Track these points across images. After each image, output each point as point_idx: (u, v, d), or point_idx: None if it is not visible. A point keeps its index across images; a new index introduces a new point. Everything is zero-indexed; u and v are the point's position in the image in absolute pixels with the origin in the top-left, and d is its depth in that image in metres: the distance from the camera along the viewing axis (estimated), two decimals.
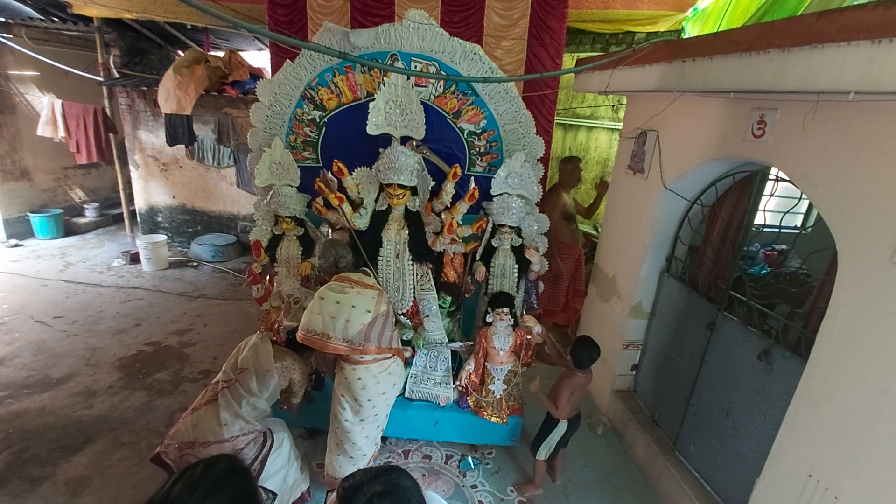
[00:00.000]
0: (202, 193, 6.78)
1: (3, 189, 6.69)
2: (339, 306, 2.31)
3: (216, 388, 2.26)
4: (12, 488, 2.77)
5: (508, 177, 2.91)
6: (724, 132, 2.53)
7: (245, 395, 2.23)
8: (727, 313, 2.60)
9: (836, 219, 1.87)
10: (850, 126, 1.83)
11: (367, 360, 2.41)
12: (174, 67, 5.63)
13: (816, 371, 1.96)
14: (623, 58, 2.97)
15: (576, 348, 2.75)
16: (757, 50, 1.95)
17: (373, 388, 2.44)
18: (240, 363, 2.33)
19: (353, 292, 2.36)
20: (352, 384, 2.42)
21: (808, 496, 1.95)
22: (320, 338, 2.30)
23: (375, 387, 2.45)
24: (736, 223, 2.68)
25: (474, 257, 3.12)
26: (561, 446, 2.85)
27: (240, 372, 2.29)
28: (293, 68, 3.01)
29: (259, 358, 2.34)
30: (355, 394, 2.43)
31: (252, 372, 2.28)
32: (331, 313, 2.29)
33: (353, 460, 2.56)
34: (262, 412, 2.32)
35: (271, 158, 2.95)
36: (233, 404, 2.19)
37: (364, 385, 2.42)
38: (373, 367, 2.43)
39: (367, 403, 2.45)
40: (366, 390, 2.42)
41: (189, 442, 2.11)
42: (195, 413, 2.20)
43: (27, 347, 4.19)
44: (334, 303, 2.31)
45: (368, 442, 2.57)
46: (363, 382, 2.42)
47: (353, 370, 2.41)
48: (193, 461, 2.09)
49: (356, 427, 2.48)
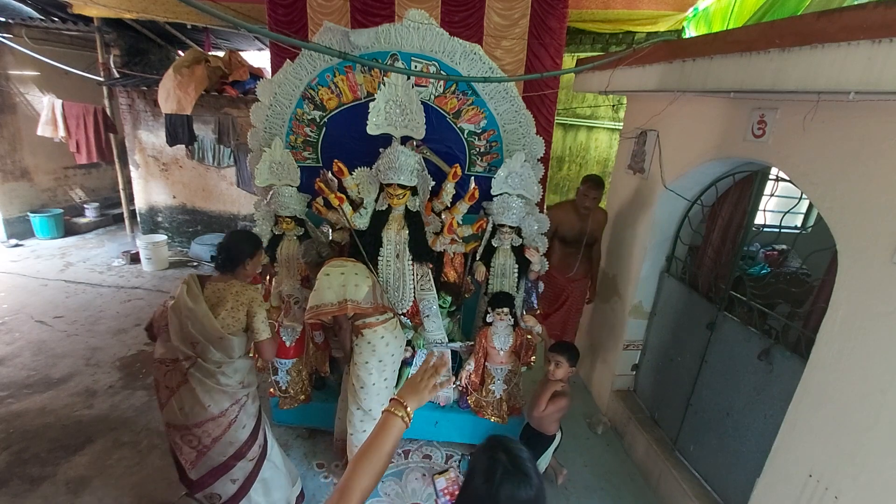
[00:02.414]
0: (202, 193, 6.78)
1: (4, 189, 6.69)
2: (344, 276, 2.49)
3: (182, 368, 2.07)
4: (12, 488, 2.77)
5: (508, 177, 2.91)
6: (724, 132, 2.53)
7: (213, 368, 2.07)
8: (727, 313, 2.60)
9: (836, 219, 1.87)
10: (850, 126, 1.83)
11: (382, 319, 2.64)
12: (174, 67, 5.63)
13: (816, 371, 1.95)
14: (623, 58, 2.97)
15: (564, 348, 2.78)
16: (757, 50, 1.95)
17: (394, 343, 2.70)
18: (190, 336, 2.05)
19: (350, 265, 2.57)
20: (376, 346, 2.62)
21: (808, 496, 1.95)
22: (338, 306, 2.44)
23: (395, 341, 2.71)
24: (736, 223, 2.68)
25: (474, 257, 3.11)
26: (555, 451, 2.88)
27: (193, 346, 2.06)
28: (293, 68, 3.01)
29: (203, 324, 2.05)
30: (381, 354, 2.64)
31: (206, 344, 2.05)
32: (340, 283, 2.46)
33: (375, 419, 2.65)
34: (244, 369, 2.20)
35: (271, 158, 2.94)
36: (206, 382, 2.07)
37: (388, 342, 2.66)
38: (389, 325, 2.67)
39: (390, 359, 2.70)
40: (389, 346, 2.67)
41: (183, 425, 2.10)
42: (175, 396, 2.08)
43: (27, 347, 4.19)
44: (339, 274, 2.49)
45: (388, 393, 2.75)
46: (386, 339, 2.65)
47: (375, 332, 2.62)
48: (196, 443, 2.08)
49: (382, 386, 2.70)
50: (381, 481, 2.88)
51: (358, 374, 2.65)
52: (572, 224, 3.52)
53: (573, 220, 3.51)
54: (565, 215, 3.53)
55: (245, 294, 2.17)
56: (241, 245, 2.25)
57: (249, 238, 2.33)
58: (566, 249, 3.61)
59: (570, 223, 3.52)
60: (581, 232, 3.50)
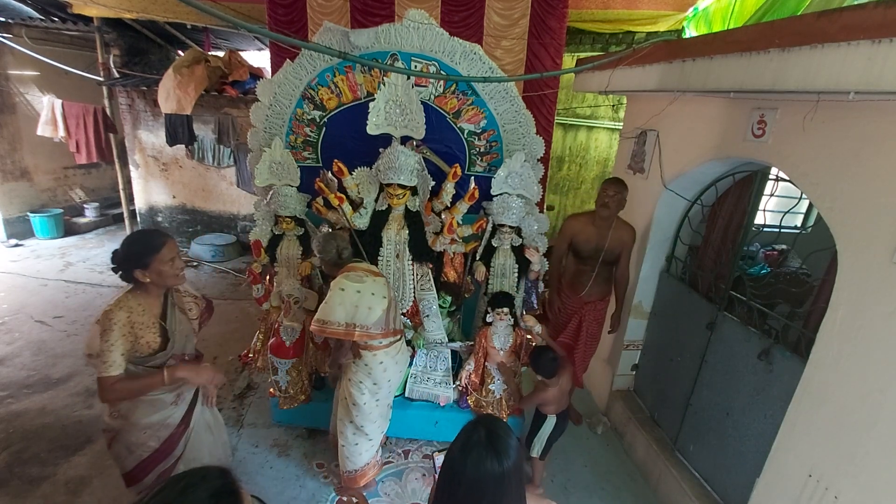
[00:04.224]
0: (202, 193, 6.78)
1: (3, 189, 6.69)
2: (360, 295, 2.33)
3: None
4: (12, 488, 2.77)
5: (508, 177, 2.91)
6: (724, 132, 2.53)
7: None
8: (727, 313, 2.60)
9: (836, 219, 1.87)
10: (850, 126, 1.83)
11: (385, 343, 2.49)
12: (174, 67, 5.63)
13: (816, 371, 1.96)
14: (623, 58, 2.97)
15: (534, 359, 2.71)
16: (757, 50, 1.94)
17: (392, 369, 2.56)
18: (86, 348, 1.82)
19: (370, 280, 2.40)
20: (373, 369, 2.49)
21: (808, 496, 1.95)
22: (345, 328, 2.32)
23: (395, 367, 2.58)
24: (736, 223, 2.68)
25: (474, 257, 3.12)
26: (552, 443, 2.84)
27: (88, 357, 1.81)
28: (293, 68, 3.01)
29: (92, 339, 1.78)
30: (376, 378, 2.51)
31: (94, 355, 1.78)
32: (354, 302, 2.32)
33: (371, 441, 2.67)
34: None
35: (271, 158, 2.94)
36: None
37: (385, 367, 2.51)
38: (391, 350, 2.53)
39: (386, 384, 2.57)
40: (387, 371, 2.53)
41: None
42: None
43: (27, 347, 4.19)
44: (355, 292, 2.33)
45: (384, 418, 2.71)
46: (385, 365, 2.51)
47: (374, 356, 2.47)
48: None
49: (373, 406, 2.58)
50: (381, 481, 2.89)
51: (350, 391, 2.53)
52: (588, 236, 3.07)
53: (589, 232, 3.07)
54: (581, 226, 3.11)
55: (102, 316, 1.78)
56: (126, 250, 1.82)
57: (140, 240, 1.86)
58: (580, 265, 3.18)
59: (585, 235, 3.08)
60: (598, 247, 3.04)
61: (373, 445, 2.70)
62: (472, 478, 1.13)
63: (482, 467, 1.12)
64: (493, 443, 1.15)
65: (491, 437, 1.16)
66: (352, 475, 2.69)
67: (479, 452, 1.13)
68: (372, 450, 2.71)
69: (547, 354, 2.68)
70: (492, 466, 1.12)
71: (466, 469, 1.13)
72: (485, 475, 1.12)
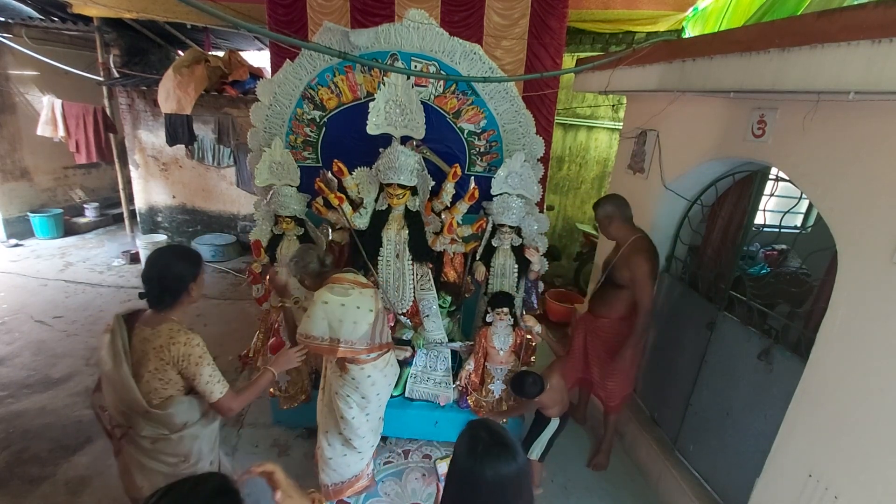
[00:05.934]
0: (202, 193, 6.78)
1: (3, 189, 6.69)
2: (344, 309, 2.23)
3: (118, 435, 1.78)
4: (12, 488, 2.77)
5: (508, 177, 2.91)
6: (724, 132, 2.53)
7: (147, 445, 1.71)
8: (727, 313, 2.60)
9: (836, 219, 1.87)
10: (850, 126, 1.83)
11: (373, 357, 2.41)
12: (174, 67, 5.63)
13: (816, 371, 1.95)
14: (623, 58, 2.97)
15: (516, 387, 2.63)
16: (757, 50, 1.94)
17: (381, 382, 2.49)
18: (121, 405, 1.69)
19: (356, 293, 2.29)
20: (360, 383, 2.40)
21: (808, 496, 1.95)
22: (328, 343, 2.22)
23: (383, 380, 2.50)
24: (736, 223, 2.68)
25: (474, 257, 3.12)
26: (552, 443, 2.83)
27: (124, 415, 1.70)
28: (293, 68, 3.01)
29: (122, 395, 1.64)
30: (364, 391, 2.43)
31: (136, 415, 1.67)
32: (338, 317, 2.21)
33: (361, 454, 2.60)
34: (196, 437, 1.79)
35: (271, 158, 2.94)
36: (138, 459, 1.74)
37: (374, 381, 2.43)
38: (378, 363, 2.45)
39: (374, 398, 2.50)
40: (375, 385, 2.45)
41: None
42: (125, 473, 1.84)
43: (27, 347, 4.19)
44: (339, 305, 2.22)
45: (374, 432, 2.64)
46: (373, 379, 2.42)
47: (362, 369, 2.39)
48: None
49: (362, 421, 2.50)
50: (380, 481, 2.89)
51: (338, 404, 2.44)
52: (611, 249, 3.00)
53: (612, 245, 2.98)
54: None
55: (172, 349, 1.65)
56: (176, 268, 1.71)
57: (185, 255, 1.78)
58: (599, 277, 3.07)
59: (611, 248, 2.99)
60: (607, 260, 2.96)
61: (362, 458, 2.62)
62: (492, 481, 1.12)
63: (500, 468, 1.12)
64: (502, 442, 1.15)
65: (495, 437, 1.16)
66: (339, 487, 2.60)
67: (492, 455, 1.13)
68: (361, 462, 2.63)
69: (527, 379, 2.57)
70: (508, 465, 1.12)
71: (485, 473, 1.12)
72: (504, 475, 1.12)
